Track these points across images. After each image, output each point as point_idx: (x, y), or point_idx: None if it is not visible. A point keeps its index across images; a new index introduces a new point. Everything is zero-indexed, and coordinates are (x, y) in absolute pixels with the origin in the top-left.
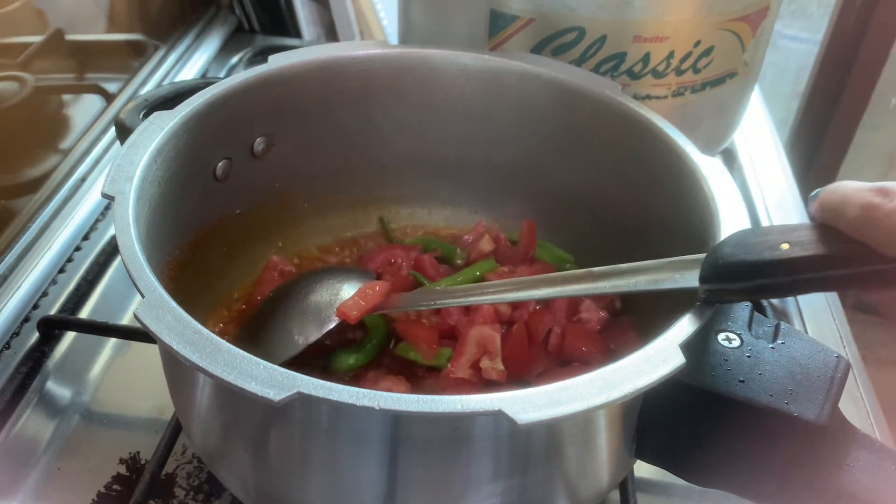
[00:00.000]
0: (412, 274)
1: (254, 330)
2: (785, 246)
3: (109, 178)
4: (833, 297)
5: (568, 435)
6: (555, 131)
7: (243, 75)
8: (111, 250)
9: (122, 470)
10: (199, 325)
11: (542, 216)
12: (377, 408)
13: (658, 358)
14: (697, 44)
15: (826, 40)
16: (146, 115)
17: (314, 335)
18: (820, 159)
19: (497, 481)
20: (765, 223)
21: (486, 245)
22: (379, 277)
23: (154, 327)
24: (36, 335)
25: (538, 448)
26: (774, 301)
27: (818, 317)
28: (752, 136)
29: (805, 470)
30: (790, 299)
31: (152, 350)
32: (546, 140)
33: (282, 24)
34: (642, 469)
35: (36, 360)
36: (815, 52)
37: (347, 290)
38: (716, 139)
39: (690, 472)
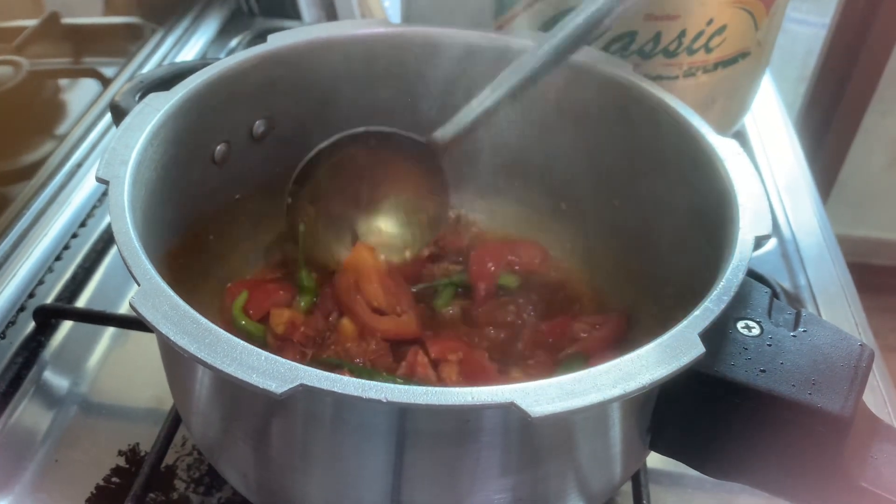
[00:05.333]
0: None
1: None
2: None
3: (104, 162)
4: (848, 282)
5: (581, 427)
6: (562, 113)
7: (242, 55)
8: (108, 237)
9: (122, 462)
10: (197, 315)
11: (548, 201)
12: (384, 400)
13: (677, 347)
14: (710, 22)
15: (834, 24)
16: (142, 97)
17: None
18: (827, 144)
19: (507, 475)
20: (776, 206)
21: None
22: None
23: (150, 317)
24: (32, 324)
25: (550, 441)
26: (787, 287)
27: (833, 303)
28: (762, 119)
29: (826, 463)
30: (803, 284)
31: (151, 339)
32: (552, 123)
33: (281, 6)
34: (654, 460)
35: (32, 349)
36: (823, 36)
37: None
38: (728, 121)
39: (707, 465)
